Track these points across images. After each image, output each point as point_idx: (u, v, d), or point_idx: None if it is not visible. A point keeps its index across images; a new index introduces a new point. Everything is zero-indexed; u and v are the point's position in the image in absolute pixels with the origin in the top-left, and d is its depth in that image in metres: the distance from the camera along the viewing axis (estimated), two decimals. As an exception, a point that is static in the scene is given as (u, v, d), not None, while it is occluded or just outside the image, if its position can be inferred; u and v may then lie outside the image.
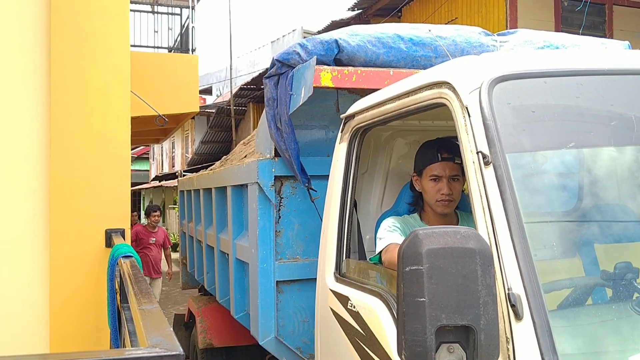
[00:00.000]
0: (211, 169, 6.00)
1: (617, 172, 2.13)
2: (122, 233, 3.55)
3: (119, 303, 2.44)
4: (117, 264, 2.39)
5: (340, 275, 2.64)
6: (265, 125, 3.41)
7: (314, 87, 2.82)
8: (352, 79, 2.89)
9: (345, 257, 2.68)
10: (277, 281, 3.29)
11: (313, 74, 2.82)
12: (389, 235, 2.52)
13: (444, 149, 2.57)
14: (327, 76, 2.85)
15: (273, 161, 3.27)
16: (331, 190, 2.83)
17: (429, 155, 2.59)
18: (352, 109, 2.78)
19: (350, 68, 2.92)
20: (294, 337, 3.32)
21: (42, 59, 3.54)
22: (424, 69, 3.05)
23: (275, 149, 3.31)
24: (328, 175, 3.24)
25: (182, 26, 10.09)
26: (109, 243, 3.52)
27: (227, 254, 4.39)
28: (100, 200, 3.57)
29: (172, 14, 10.54)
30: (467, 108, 1.86)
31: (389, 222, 2.61)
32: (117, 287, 2.48)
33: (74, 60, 3.56)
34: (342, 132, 2.84)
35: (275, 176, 3.26)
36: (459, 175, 2.54)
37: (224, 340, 5.32)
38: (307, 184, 3.17)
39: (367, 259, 2.93)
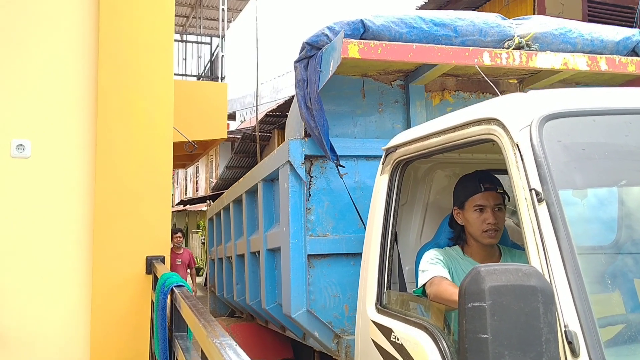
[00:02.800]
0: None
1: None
2: (162, 260, 3.61)
3: (170, 333, 2.48)
4: (170, 292, 2.44)
5: (381, 306, 2.65)
6: (296, 109, 3.52)
7: (342, 57, 2.94)
8: (378, 51, 3.01)
9: (387, 289, 2.69)
10: (308, 255, 3.36)
11: (341, 46, 2.94)
12: (432, 267, 2.53)
13: (485, 179, 2.60)
14: (354, 48, 2.96)
15: (303, 141, 3.39)
16: (372, 222, 2.86)
17: (470, 187, 2.61)
18: (393, 142, 2.83)
19: (375, 42, 3.05)
20: (325, 312, 3.38)
21: (89, 91, 3.66)
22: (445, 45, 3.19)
23: (305, 130, 3.43)
24: (355, 156, 3.43)
25: (211, 54, 10.29)
26: (149, 270, 3.59)
27: (258, 252, 4.49)
28: (142, 227, 3.64)
29: (202, 42, 10.76)
30: (517, 145, 1.89)
31: (432, 255, 2.62)
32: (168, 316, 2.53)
33: (120, 91, 3.68)
34: (383, 164, 2.88)
35: (305, 155, 3.38)
36: (502, 204, 2.56)
37: (253, 356, 5.38)
38: (336, 161, 3.28)
39: (408, 291, 2.95)
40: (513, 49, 3.27)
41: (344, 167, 3.33)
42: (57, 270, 3.57)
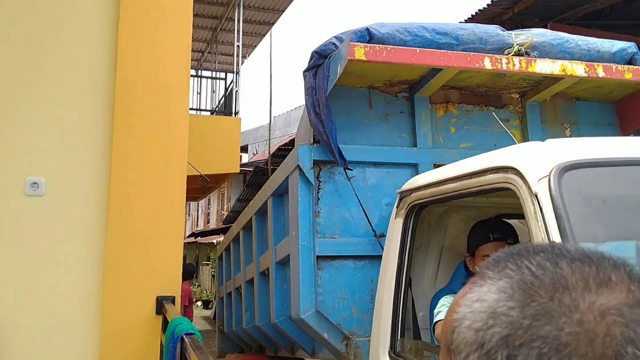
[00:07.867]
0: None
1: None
2: (172, 300, 3.57)
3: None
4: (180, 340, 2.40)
5: (395, 354, 2.59)
6: (305, 117, 3.60)
7: (349, 59, 3.02)
8: (383, 54, 3.10)
9: (400, 336, 2.64)
10: (317, 257, 3.36)
11: (347, 49, 3.03)
12: (445, 310, 2.50)
13: (495, 229, 2.57)
14: (360, 51, 3.04)
15: (312, 147, 3.44)
16: (386, 266, 2.82)
17: (481, 236, 2.59)
18: (408, 185, 2.80)
19: (380, 45, 3.15)
20: (334, 313, 3.36)
21: (104, 129, 3.68)
22: (447, 51, 3.30)
23: (314, 136, 3.48)
24: (362, 162, 3.46)
25: (226, 89, 10.39)
26: (159, 310, 3.54)
27: (267, 269, 4.47)
28: (153, 266, 3.62)
29: (216, 78, 10.88)
30: (536, 196, 1.86)
31: (447, 300, 2.59)
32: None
33: (135, 131, 3.69)
34: (397, 207, 2.85)
35: (314, 160, 3.42)
36: None
37: None
38: (344, 164, 3.32)
39: (422, 337, 2.89)
40: (512, 55, 3.34)
41: (352, 170, 3.39)
42: (67, 309, 3.54)
